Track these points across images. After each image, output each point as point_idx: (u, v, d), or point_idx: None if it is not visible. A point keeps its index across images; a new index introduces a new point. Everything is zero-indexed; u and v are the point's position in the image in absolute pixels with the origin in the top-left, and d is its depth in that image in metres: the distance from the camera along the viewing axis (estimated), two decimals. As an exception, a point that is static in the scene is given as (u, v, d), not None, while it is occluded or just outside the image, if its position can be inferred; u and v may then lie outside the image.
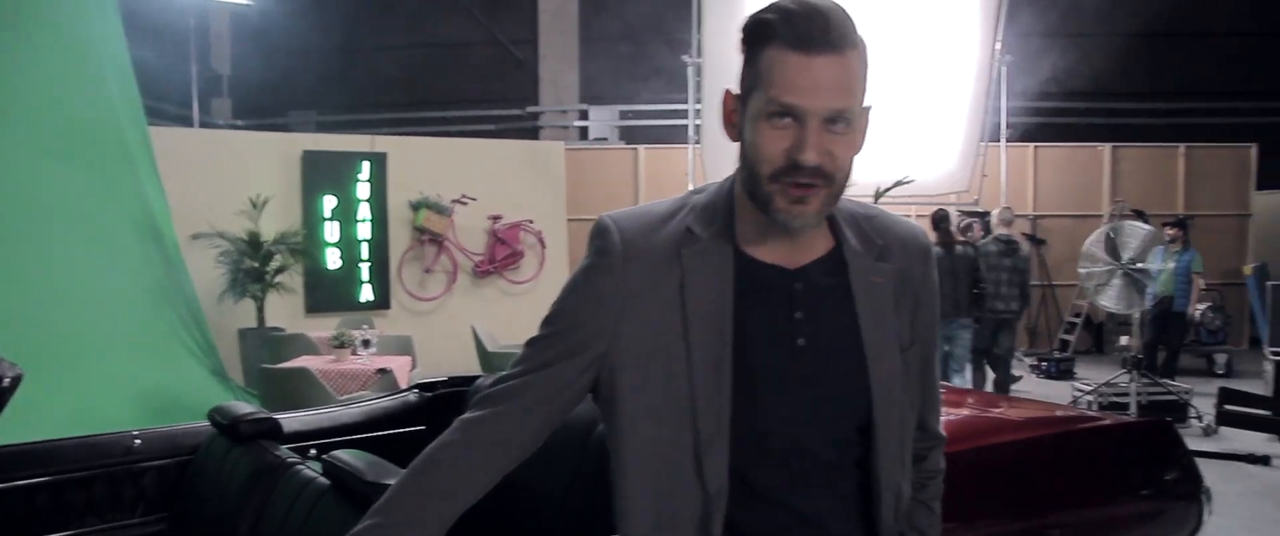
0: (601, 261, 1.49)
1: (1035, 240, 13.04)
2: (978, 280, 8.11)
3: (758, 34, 1.38)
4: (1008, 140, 12.35)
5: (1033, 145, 13.35)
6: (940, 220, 8.39)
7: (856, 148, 1.41)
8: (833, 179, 1.39)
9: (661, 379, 1.44)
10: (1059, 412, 3.16)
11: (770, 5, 1.38)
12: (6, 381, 1.63)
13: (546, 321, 1.53)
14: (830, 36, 1.33)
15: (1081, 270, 8.44)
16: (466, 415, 1.52)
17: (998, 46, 11.29)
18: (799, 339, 1.45)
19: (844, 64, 1.35)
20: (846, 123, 1.37)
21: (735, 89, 1.46)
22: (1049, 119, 14.37)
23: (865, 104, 1.42)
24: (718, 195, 1.51)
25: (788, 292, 1.47)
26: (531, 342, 1.53)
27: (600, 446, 2.69)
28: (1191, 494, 3.00)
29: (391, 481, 1.98)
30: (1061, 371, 10.83)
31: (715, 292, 1.44)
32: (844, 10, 1.37)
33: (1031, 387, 10.21)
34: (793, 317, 1.46)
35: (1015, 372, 9.98)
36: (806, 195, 1.37)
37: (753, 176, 1.40)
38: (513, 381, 1.51)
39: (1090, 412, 3.04)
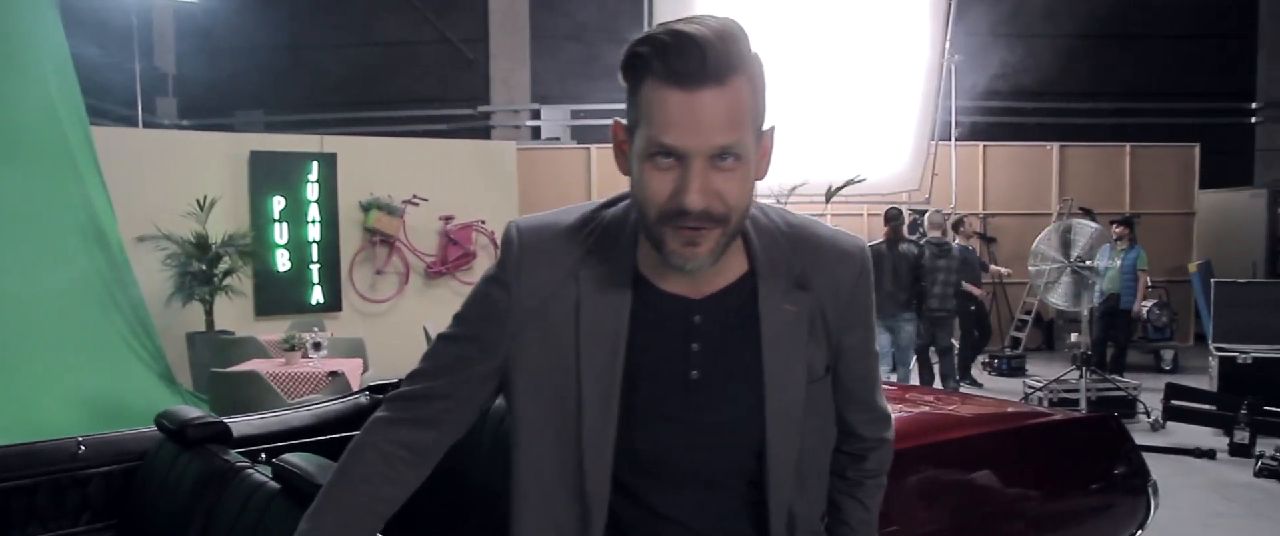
0: (500, 275, 1.46)
1: (986, 238, 13.18)
2: (919, 277, 8.23)
3: (634, 67, 1.28)
4: (957, 139, 12.49)
5: (982, 144, 13.51)
6: (892, 217, 8.47)
7: (752, 179, 1.32)
8: (726, 219, 1.29)
9: (553, 396, 1.43)
10: (1007, 409, 3.19)
11: (645, 36, 1.27)
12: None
13: (454, 321, 1.53)
14: (708, 68, 1.22)
15: (1031, 268, 8.54)
16: (381, 414, 1.53)
17: (947, 46, 11.42)
18: (693, 371, 1.42)
19: (728, 95, 1.24)
20: (736, 157, 1.27)
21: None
22: (998, 118, 14.60)
23: (763, 127, 1.33)
24: (624, 214, 1.44)
25: (686, 324, 1.42)
26: (441, 338, 1.54)
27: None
28: (1139, 487, 3.04)
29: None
30: (1013, 368, 10.96)
31: (611, 318, 1.40)
32: (727, 31, 1.25)
33: (984, 385, 10.33)
34: (689, 350, 1.42)
35: (976, 379, 10.15)
36: (697, 237, 1.29)
37: (643, 217, 1.33)
38: (421, 384, 1.52)
39: (1038, 408, 3.08)
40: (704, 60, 1.22)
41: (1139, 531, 3.04)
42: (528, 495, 1.47)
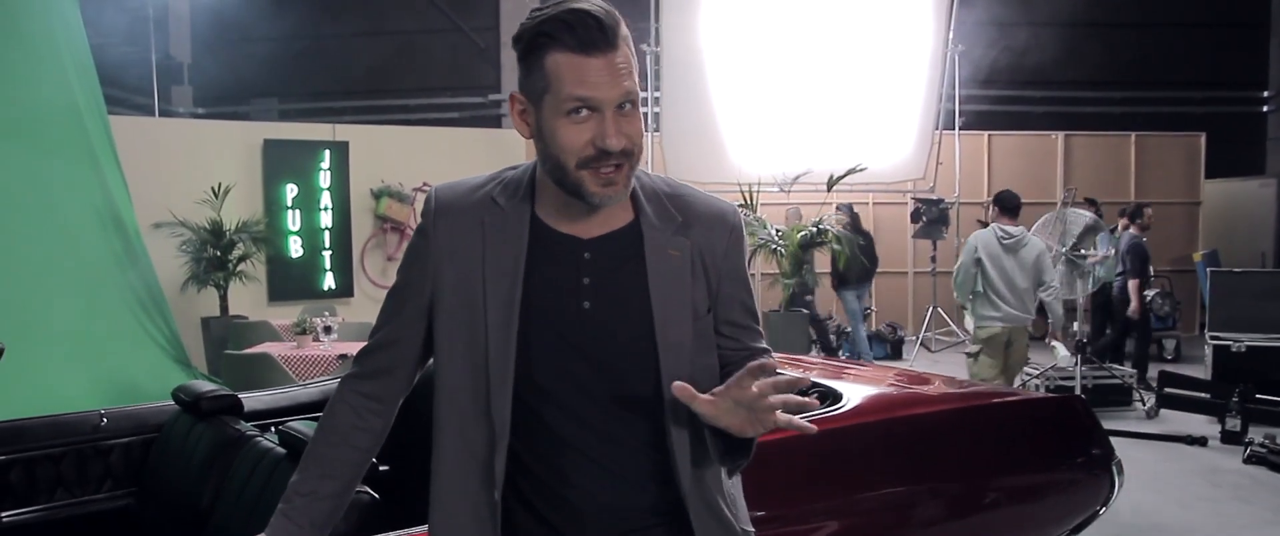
0: (422, 225, 1.69)
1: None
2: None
3: (537, 44, 1.52)
4: (961, 128, 12.57)
5: (987, 133, 13.56)
6: (849, 209, 10.09)
7: (640, 128, 1.56)
8: (634, 155, 1.55)
9: (464, 329, 1.63)
10: (971, 388, 3.32)
11: (542, 17, 1.52)
12: (-9, 351, 1.76)
13: (396, 275, 1.78)
14: (606, 35, 1.49)
15: (1027, 256, 8.63)
16: (346, 373, 1.79)
17: (950, 34, 11.50)
18: (585, 302, 1.61)
19: (622, 55, 1.51)
20: (633, 103, 1.53)
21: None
22: (1003, 107, 14.64)
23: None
24: (524, 173, 1.68)
25: (577, 260, 1.62)
26: (387, 294, 1.78)
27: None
28: (1103, 466, 3.18)
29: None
30: (1012, 355, 11.03)
31: (511, 256, 1.61)
32: (607, 7, 1.52)
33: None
34: (580, 283, 1.61)
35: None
36: (615, 175, 1.54)
37: (559, 167, 1.55)
38: (373, 338, 1.77)
39: (1003, 389, 3.20)
40: (602, 28, 1.49)
41: (1102, 508, 3.17)
42: (446, 421, 1.66)
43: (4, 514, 2.83)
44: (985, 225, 13.10)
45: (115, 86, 11.09)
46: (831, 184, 9.95)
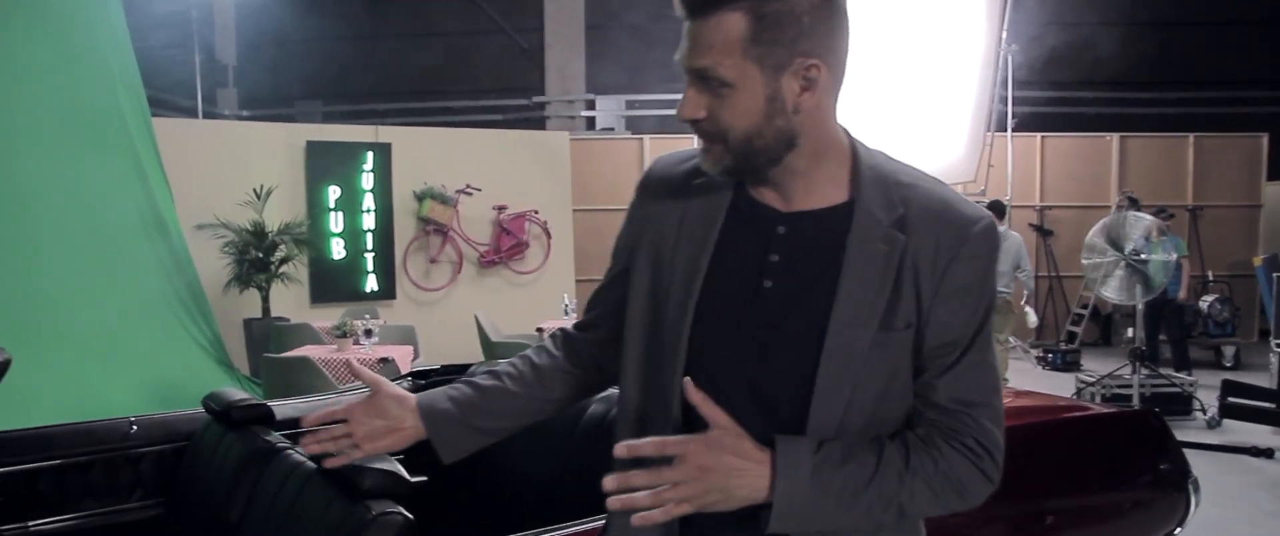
0: (637, 190, 1.66)
1: (1042, 231, 13.03)
2: None
3: None
4: (1014, 130, 12.33)
5: (1040, 135, 13.31)
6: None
7: (748, 110, 1.40)
8: (720, 137, 1.43)
9: (648, 297, 1.58)
10: (1043, 401, 3.15)
11: None
12: (-2, 364, 1.67)
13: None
14: (692, 2, 1.40)
15: (1085, 261, 8.44)
16: (563, 331, 1.82)
17: (1003, 34, 11.28)
18: (766, 281, 1.47)
19: (712, 25, 1.38)
20: (722, 82, 1.39)
21: None
22: (1057, 109, 14.35)
23: (773, 61, 1.38)
24: None
25: (769, 233, 1.49)
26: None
27: (586, 433, 2.72)
28: (1179, 484, 3.00)
29: (376, 465, 2.03)
30: (1067, 363, 10.84)
31: (706, 223, 1.52)
32: None
33: (1038, 380, 10.23)
34: (766, 259, 1.48)
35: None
36: (704, 146, 1.46)
37: None
38: (589, 308, 1.79)
39: (1079, 401, 3.03)
40: None
41: (1178, 529, 3.00)
42: (624, 397, 1.62)
43: (32, 522, 2.76)
44: (1039, 229, 12.98)
45: (161, 89, 11.15)
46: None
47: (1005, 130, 12.13)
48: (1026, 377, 10.14)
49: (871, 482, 1.38)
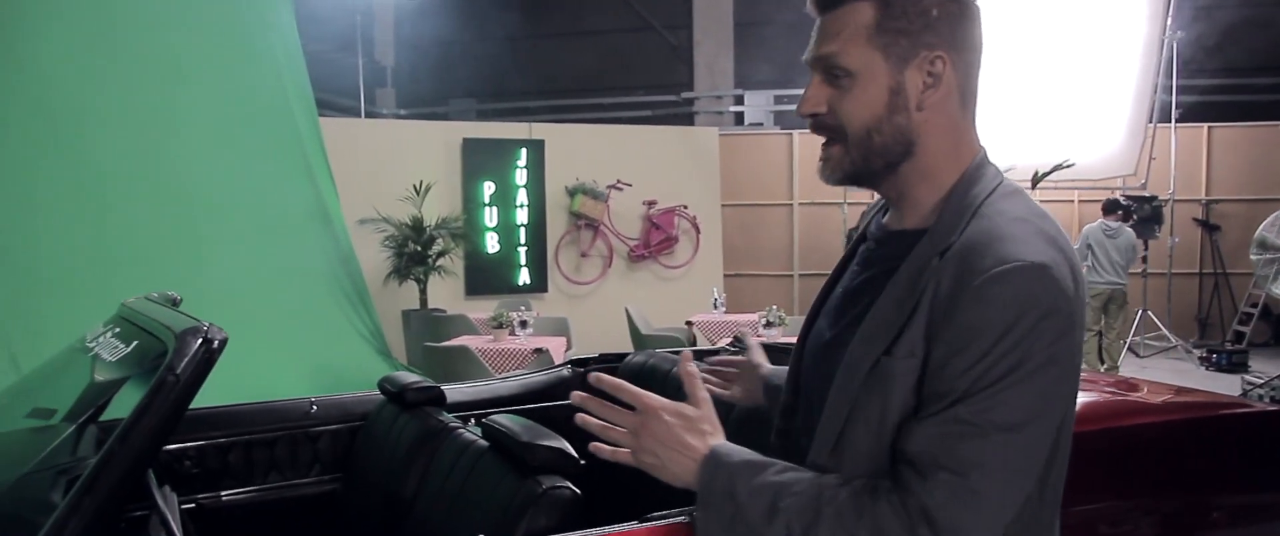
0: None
1: (1208, 226, 12.47)
2: None
3: None
4: (1178, 120, 11.82)
5: (1206, 125, 12.69)
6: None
7: (870, 102, 1.37)
8: (840, 133, 1.41)
9: None
10: (1207, 397, 3.05)
11: None
12: (216, 343, 1.79)
13: None
14: None
15: (1254, 257, 8.07)
16: None
17: (1169, 20, 10.83)
18: (839, 288, 1.54)
19: (840, 15, 1.38)
20: (845, 72, 1.37)
21: None
22: (1224, 96, 13.63)
23: (897, 52, 1.36)
24: None
25: (861, 249, 1.55)
26: None
27: (739, 420, 2.76)
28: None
29: (545, 443, 2.11)
30: (1233, 364, 10.36)
31: (859, 236, 1.60)
32: None
33: (1200, 381, 9.82)
34: (853, 272, 1.53)
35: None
36: (824, 151, 1.44)
37: None
38: None
39: (1244, 400, 2.92)
40: None
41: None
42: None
43: (224, 493, 2.95)
44: (1205, 224, 12.43)
45: (325, 90, 11.60)
46: (1036, 180, 9.55)
47: (1168, 121, 11.64)
48: (1188, 378, 9.73)
49: (784, 501, 1.30)
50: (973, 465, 1.23)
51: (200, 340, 1.77)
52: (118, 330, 2.17)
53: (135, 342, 2.02)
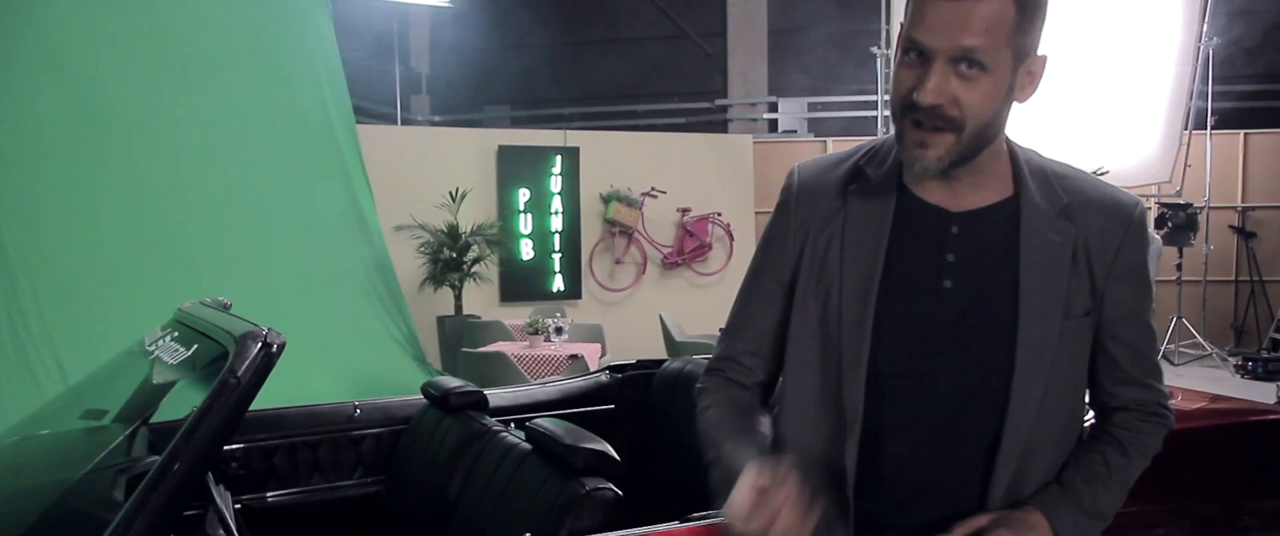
0: (782, 201, 1.61)
1: (1243, 233, 12.36)
2: None
3: None
4: (1213, 127, 11.74)
5: (1243, 132, 12.58)
6: None
7: (999, 96, 1.39)
8: (957, 125, 1.38)
9: (819, 307, 1.54)
10: (1242, 405, 3.05)
11: None
12: (274, 347, 1.86)
13: (751, 262, 1.69)
14: None
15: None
16: (710, 364, 1.73)
17: (1204, 27, 10.76)
18: (946, 281, 1.47)
19: (986, 6, 1.33)
20: (980, 66, 1.35)
21: None
22: (1262, 103, 13.52)
23: (1030, 53, 1.40)
24: (893, 137, 1.52)
25: (942, 234, 1.48)
26: (745, 279, 1.69)
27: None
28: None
29: (588, 445, 2.16)
30: (1270, 371, 10.25)
31: (874, 227, 1.50)
32: None
33: (1235, 389, 9.74)
34: (944, 259, 1.47)
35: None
36: (927, 138, 1.39)
37: (893, 114, 1.45)
38: (734, 323, 1.70)
39: (1270, 405, 2.92)
40: None
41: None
42: (792, 410, 1.58)
43: (269, 494, 3.02)
44: (1240, 231, 12.32)
45: (361, 97, 11.72)
46: (1071, 187, 9.50)
47: (1204, 128, 11.56)
48: (1224, 386, 9.65)
49: (1112, 490, 1.56)
50: (1156, 352, 1.60)
51: (259, 344, 1.84)
52: (176, 334, 2.24)
53: (195, 346, 2.09)
